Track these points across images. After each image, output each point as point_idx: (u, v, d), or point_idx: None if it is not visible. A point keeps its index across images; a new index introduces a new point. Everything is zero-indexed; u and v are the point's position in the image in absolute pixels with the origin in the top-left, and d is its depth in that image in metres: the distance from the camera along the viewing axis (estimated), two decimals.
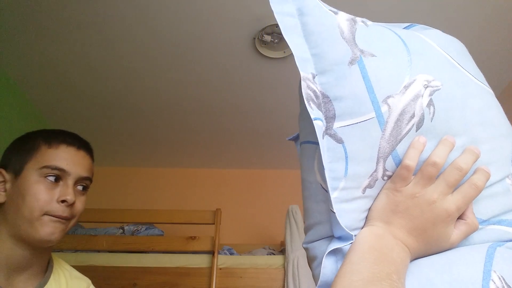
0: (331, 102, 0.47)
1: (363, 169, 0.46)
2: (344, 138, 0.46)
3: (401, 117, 0.46)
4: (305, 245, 0.52)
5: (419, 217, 0.45)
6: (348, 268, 0.41)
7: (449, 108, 0.48)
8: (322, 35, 0.48)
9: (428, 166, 0.46)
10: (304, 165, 0.52)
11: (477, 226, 0.47)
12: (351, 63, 0.47)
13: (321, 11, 0.50)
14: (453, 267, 0.42)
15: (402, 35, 0.52)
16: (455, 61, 0.52)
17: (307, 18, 0.49)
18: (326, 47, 0.48)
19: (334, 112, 0.47)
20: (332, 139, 0.46)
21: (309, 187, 0.51)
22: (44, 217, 0.84)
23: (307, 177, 0.51)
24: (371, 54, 0.48)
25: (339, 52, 0.47)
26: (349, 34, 0.49)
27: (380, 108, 0.46)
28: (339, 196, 0.46)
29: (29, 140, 0.91)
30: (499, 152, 0.50)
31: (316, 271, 0.49)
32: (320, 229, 0.49)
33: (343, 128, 0.46)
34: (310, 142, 0.51)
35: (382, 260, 0.42)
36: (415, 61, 0.49)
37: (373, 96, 0.46)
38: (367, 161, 0.46)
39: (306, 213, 0.52)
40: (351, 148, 0.46)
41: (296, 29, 0.49)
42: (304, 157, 0.52)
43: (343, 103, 0.47)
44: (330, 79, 0.47)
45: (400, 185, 0.46)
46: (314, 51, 0.48)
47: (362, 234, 0.46)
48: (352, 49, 0.48)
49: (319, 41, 0.48)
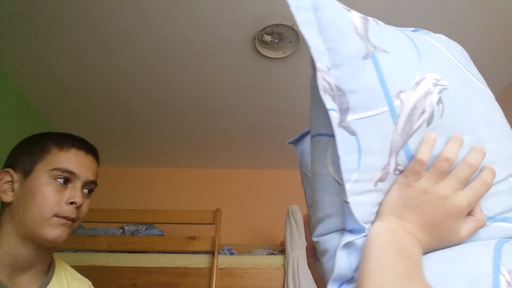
0: (345, 95, 0.47)
1: (375, 162, 0.47)
2: (358, 131, 0.47)
3: (413, 112, 0.47)
4: (316, 238, 0.51)
5: (431, 212, 0.46)
6: (375, 264, 0.41)
7: (456, 107, 0.49)
8: (337, 30, 0.49)
9: (441, 161, 0.46)
10: (316, 157, 0.52)
11: (485, 222, 0.48)
12: (365, 57, 0.48)
13: (335, 7, 0.51)
14: (464, 261, 0.43)
15: (410, 36, 0.54)
16: (460, 63, 0.54)
17: (322, 13, 0.50)
18: (341, 41, 0.49)
19: (348, 105, 0.47)
20: (346, 131, 0.47)
21: (321, 180, 0.51)
22: (53, 218, 0.86)
23: (319, 169, 0.51)
24: (383, 50, 0.49)
25: (354, 47, 0.49)
26: (363, 30, 0.50)
27: (393, 102, 0.47)
28: (351, 188, 0.46)
29: (38, 141, 0.93)
30: (502, 151, 0.51)
31: (328, 265, 0.48)
32: (332, 222, 0.49)
33: (357, 120, 0.47)
34: (322, 134, 0.51)
35: (405, 256, 0.42)
36: (425, 60, 0.50)
37: (386, 90, 0.47)
38: (379, 154, 0.47)
39: (317, 205, 0.52)
40: (364, 141, 0.46)
41: (311, 23, 0.50)
42: (316, 149, 0.52)
43: (357, 96, 0.47)
44: (344, 73, 0.48)
45: (413, 179, 0.46)
46: (328, 45, 0.49)
47: (376, 228, 0.46)
48: (366, 44, 0.49)
49: (334, 36, 0.49)
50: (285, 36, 1.91)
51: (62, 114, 2.52)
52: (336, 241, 0.48)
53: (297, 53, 2.02)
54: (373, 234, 0.45)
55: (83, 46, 1.98)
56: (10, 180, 0.89)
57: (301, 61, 2.07)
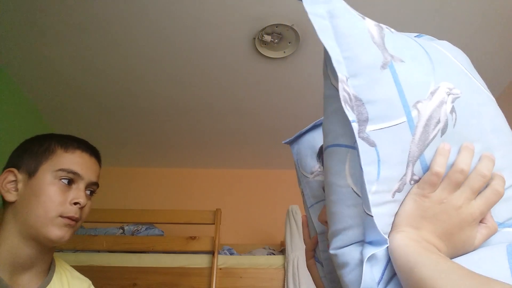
0: (363, 105, 0.47)
1: (394, 173, 0.47)
2: (377, 142, 0.46)
3: (429, 122, 0.47)
4: (334, 251, 0.50)
5: (447, 222, 0.47)
6: (429, 271, 0.40)
7: (467, 116, 0.50)
8: (354, 38, 0.49)
9: (455, 173, 0.47)
10: (333, 169, 0.51)
11: (496, 229, 0.49)
12: (383, 67, 0.48)
13: (351, 15, 0.51)
14: (482, 266, 0.44)
15: (422, 44, 0.54)
16: (467, 70, 0.55)
17: (338, 20, 0.50)
18: (359, 50, 0.48)
19: (367, 115, 0.47)
20: (365, 142, 0.46)
21: (338, 191, 0.50)
22: (58, 218, 0.88)
23: (336, 181, 0.50)
24: (400, 59, 0.49)
25: (372, 56, 0.48)
26: (379, 39, 0.50)
27: (411, 113, 0.47)
28: (372, 200, 0.46)
29: (43, 142, 0.94)
30: (509, 158, 0.52)
31: (349, 278, 0.48)
32: (350, 234, 0.49)
33: (376, 131, 0.47)
34: (340, 145, 0.50)
35: (448, 259, 0.43)
36: (437, 69, 0.50)
37: (404, 100, 0.47)
38: (398, 164, 0.47)
39: (334, 217, 0.51)
40: (383, 152, 0.46)
41: (328, 31, 0.50)
42: (333, 160, 0.51)
43: (376, 107, 0.47)
44: (363, 82, 0.48)
45: (429, 191, 0.47)
46: (346, 54, 0.49)
47: (399, 240, 0.46)
48: (383, 54, 0.49)
49: (351, 44, 0.49)
50: (285, 36, 1.91)
51: (62, 114, 2.52)
52: (357, 254, 0.48)
53: (297, 53, 2.02)
54: (400, 245, 0.45)
55: (83, 46, 1.98)
56: (13, 180, 0.91)
57: (301, 61, 2.07)
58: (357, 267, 0.47)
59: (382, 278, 0.46)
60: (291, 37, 1.91)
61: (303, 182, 0.79)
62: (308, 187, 0.77)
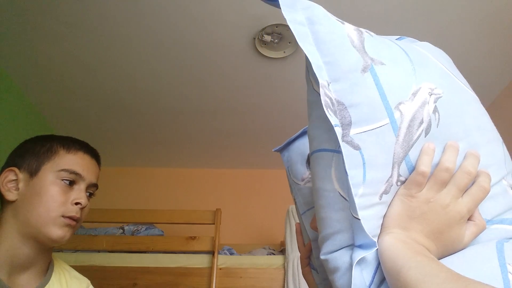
0: (346, 109, 0.47)
1: (380, 175, 0.47)
2: (361, 145, 0.47)
3: (412, 123, 0.48)
4: (324, 256, 0.50)
5: (435, 221, 0.47)
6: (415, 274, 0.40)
7: (450, 115, 0.50)
8: (334, 43, 0.49)
9: (441, 171, 0.47)
10: (319, 174, 0.51)
11: (485, 226, 0.49)
12: (363, 70, 0.48)
13: (330, 21, 0.51)
14: (472, 265, 0.44)
15: (402, 46, 0.54)
16: (448, 70, 0.55)
17: (317, 27, 0.50)
18: (339, 55, 0.49)
19: (350, 119, 0.47)
20: (349, 146, 0.47)
21: (326, 196, 0.50)
22: (59, 218, 0.88)
23: (323, 185, 0.50)
24: (380, 62, 0.49)
25: (352, 60, 0.48)
26: (359, 43, 0.50)
27: (394, 114, 0.47)
28: (359, 203, 0.46)
29: (45, 143, 0.95)
30: (494, 155, 0.52)
31: (340, 282, 0.48)
32: (340, 239, 0.49)
33: (359, 134, 0.47)
34: (325, 150, 0.51)
35: (436, 261, 0.42)
36: (418, 70, 0.51)
37: (386, 102, 0.47)
38: (383, 166, 0.47)
39: (323, 222, 0.51)
40: (368, 154, 0.47)
41: (308, 37, 0.50)
42: (319, 165, 0.51)
43: (359, 110, 0.47)
44: (344, 86, 0.48)
45: (415, 191, 0.47)
46: (326, 59, 0.49)
47: (388, 242, 0.46)
48: (363, 57, 0.49)
49: (331, 49, 0.49)
50: (285, 36, 1.92)
51: (62, 114, 2.52)
52: (347, 258, 0.48)
53: (297, 53, 2.02)
54: (388, 247, 0.45)
55: (83, 46, 1.98)
56: (14, 179, 0.91)
57: (301, 61, 2.07)
58: (348, 271, 0.47)
59: (372, 281, 0.46)
60: (291, 37, 1.91)
61: (295, 189, 0.79)
62: (299, 194, 0.77)
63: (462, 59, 1.99)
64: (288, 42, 1.95)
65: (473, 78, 2.16)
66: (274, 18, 1.81)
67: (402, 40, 0.61)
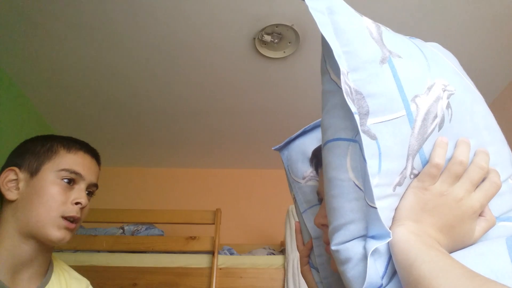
0: (364, 99, 0.48)
1: (395, 166, 0.47)
2: (378, 135, 0.47)
3: (427, 116, 0.48)
4: (336, 247, 0.49)
5: (447, 214, 0.47)
6: (429, 268, 0.40)
7: (462, 112, 0.51)
8: (353, 33, 0.50)
9: (455, 164, 0.48)
10: (334, 163, 0.50)
11: (495, 222, 0.49)
12: (382, 62, 0.49)
13: (350, 11, 0.52)
14: (485, 260, 0.44)
15: (415, 43, 0.55)
16: (458, 70, 0.56)
17: (337, 16, 0.51)
18: (358, 45, 0.49)
19: (368, 109, 0.48)
20: (366, 136, 0.47)
21: (340, 185, 0.49)
22: (59, 219, 0.88)
23: (337, 175, 0.50)
24: (398, 55, 0.50)
25: (371, 51, 0.49)
26: (378, 35, 0.51)
27: (410, 107, 0.48)
28: (375, 193, 0.46)
29: (45, 142, 0.95)
30: (501, 154, 0.53)
31: (352, 273, 0.47)
32: (353, 229, 0.48)
33: (376, 124, 0.47)
34: (340, 139, 0.50)
35: (449, 256, 0.42)
36: (432, 66, 0.52)
37: (403, 94, 0.48)
38: (398, 158, 0.47)
39: (335, 212, 0.50)
40: (384, 145, 0.47)
41: (328, 26, 0.50)
42: (334, 155, 0.51)
43: (376, 100, 0.48)
44: (363, 76, 0.48)
45: (429, 183, 0.47)
46: (345, 49, 0.49)
47: (400, 234, 0.45)
48: (382, 49, 0.50)
49: (351, 40, 0.50)
50: (285, 36, 1.91)
51: (62, 114, 2.52)
52: (359, 248, 0.47)
53: (297, 53, 2.02)
54: (400, 239, 0.45)
55: (83, 46, 1.98)
56: (14, 179, 0.91)
57: (301, 61, 2.07)
58: (360, 262, 0.47)
59: (385, 272, 0.46)
60: (291, 37, 1.91)
61: (295, 187, 0.78)
62: (300, 193, 0.77)
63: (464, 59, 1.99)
64: (288, 42, 1.95)
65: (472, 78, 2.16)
66: (274, 18, 1.81)
67: (413, 39, 0.62)
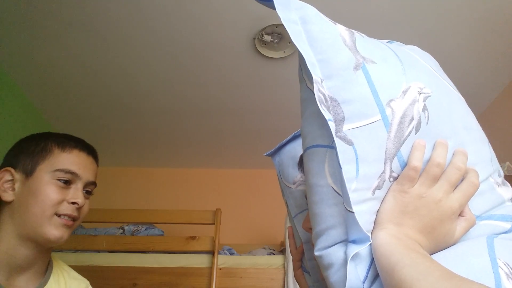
0: (339, 105, 0.49)
1: (372, 170, 0.48)
2: (354, 140, 0.47)
3: (403, 119, 0.49)
4: (319, 252, 0.50)
5: (427, 216, 0.47)
6: (410, 272, 0.40)
7: (439, 113, 0.51)
8: (327, 42, 0.51)
9: (433, 166, 0.48)
10: (313, 169, 0.51)
11: (475, 221, 0.50)
12: (355, 68, 0.49)
13: (322, 20, 0.53)
14: (464, 260, 0.44)
15: (391, 47, 0.56)
16: (436, 72, 0.57)
17: (310, 26, 0.52)
18: (332, 53, 0.50)
19: (343, 115, 0.48)
20: (342, 141, 0.47)
21: (320, 192, 0.50)
22: (54, 217, 0.87)
23: (317, 181, 0.51)
24: (371, 61, 0.51)
25: (344, 58, 0.50)
26: (351, 42, 0.52)
27: (385, 111, 0.48)
28: (352, 197, 0.46)
29: (39, 142, 0.93)
30: (481, 154, 0.54)
31: (334, 278, 0.48)
32: (334, 234, 0.49)
33: (352, 130, 0.48)
34: (319, 145, 0.51)
35: (429, 259, 0.43)
36: (408, 70, 0.52)
37: (378, 99, 0.49)
38: (376, 162, 0.48)
39: (316, 218, 0.51)
40: (361, 149, 0.47)
41: (301, 36, 0.51)
42: (313, 161, 0.52)
43: (351, 106, 0.48)
44: (337, 83, 0.49)
45: (408, 186, 0.48)
46: (319, 57, 0.50)
47: (381, 238, 0.46)
48: (355, 56, 0.50)
49: (324, 48, 0.50)
50: (285, 36, 1.91)
51: (62, 114, 2.52)
52: (341, 253, 0.48)
53: (297, 53, 2.01)
54: (382, 244, 0.45)
55: (83, 46, 1.98)
56: (10, 179, 0.90)
57: None
58: (342, 267, 0.47)
59: (367, 276, 0.46)
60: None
61: (286, 192, 0.79)
62: (291, 197, 0.77)
63: (460, 61, 1.99)
64: (288, 42, 1.95)
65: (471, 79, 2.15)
66: (274, 18, 1.81)
67: (392, 43, 0.62)
